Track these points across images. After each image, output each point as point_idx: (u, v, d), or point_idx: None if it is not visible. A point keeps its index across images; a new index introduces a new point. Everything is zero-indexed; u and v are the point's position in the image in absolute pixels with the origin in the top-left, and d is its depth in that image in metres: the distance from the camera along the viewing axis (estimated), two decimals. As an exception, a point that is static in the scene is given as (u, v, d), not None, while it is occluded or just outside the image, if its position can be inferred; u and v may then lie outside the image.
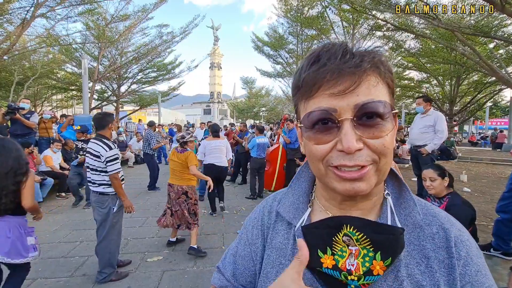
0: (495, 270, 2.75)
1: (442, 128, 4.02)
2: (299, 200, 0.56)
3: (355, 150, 0.40)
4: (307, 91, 0.43)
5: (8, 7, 8.39)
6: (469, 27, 6.75)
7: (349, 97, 0.40)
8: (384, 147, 0.41)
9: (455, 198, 2.28)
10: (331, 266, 0.45)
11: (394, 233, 0.43)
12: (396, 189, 0.52)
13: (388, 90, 0.44)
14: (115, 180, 2.64)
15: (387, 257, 0.43)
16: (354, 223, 0.45)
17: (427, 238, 0.46)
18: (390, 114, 0.42)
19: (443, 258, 0.45)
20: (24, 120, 5.61)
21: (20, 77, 13.00)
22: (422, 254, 0.45)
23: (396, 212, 0.48)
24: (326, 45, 0.44)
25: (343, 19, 14.20)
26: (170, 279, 2.79)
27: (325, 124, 0.42)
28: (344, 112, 0.41)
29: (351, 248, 0.45)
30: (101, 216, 2.67)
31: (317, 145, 0.43)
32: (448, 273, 0.44)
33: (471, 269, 0.44)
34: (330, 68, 0.41)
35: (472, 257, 0.45)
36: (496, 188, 6.12)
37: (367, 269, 0.43)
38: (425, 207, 0.50)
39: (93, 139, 2.73)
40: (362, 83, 0.41)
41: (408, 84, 18.46)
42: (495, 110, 30.71)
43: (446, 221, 0.48)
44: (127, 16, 13.00)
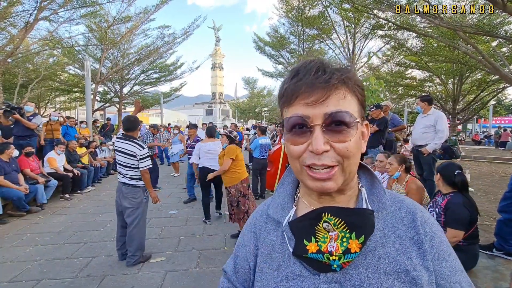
0: (498, 270, 2.73)
1: (442, 128, 4.01)
2: (284, 201, 0.63)
3: (322, 152, 0.48)
4: (288, 100, 0.52)
5: (11, 10, 8.48)
6: (471, 26, 6.72)
7: (320, 106, 0.48)
8: (347, 150, 0.49)
9: (457, 197, 2.28)
10: (315, 251, 0.51)
11: (364, 214, 0.52)
12: (369, 182, 0.60)
13: (357, 101, 0.52)
14: (146, 175, 3.09)
15: (361, 235, 0.50)
16: (331, 211, 0.53)
17: (398, 221, 0.55)
18: (355, 123, 0.50)
19: (412, 236, 0.53)
20: (23, 120, 5.61)
21: (23, 80, 13.12)
22: (395, 234, 0.53)
23: (369, 201, 0.56)
24: (305, 62, 0.52)
25: (344, 19, 14.17)
26: (173, 279, 2.81)
27: (300, 128, 0.50)
28: (316, 119, 0.49)
29: (331, 234, 0.52)
30: (132, 205, 3.07)
31: (293, 146, 0.52)
32: (418, 247, 0.52)
33: (436, 241, 0.53)
34: (305, 82, 0.49)
35: (435, 231, 0.55)
36: (500, 188, 6.08)
37: (345, 248, 0.50)
38: (394, 196, 0.60)
39: (123, 140, 3.08)
40: (332, 95, 0.49)
41: (410, 83, 18.37)
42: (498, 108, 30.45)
43: (411, 206, 0.57)
44: (129, 18, 13.06)
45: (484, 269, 2.72)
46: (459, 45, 8.19)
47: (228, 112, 32.21)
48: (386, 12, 7.91)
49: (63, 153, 6.17)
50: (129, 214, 3.07)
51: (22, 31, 8.65)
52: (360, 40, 15.60)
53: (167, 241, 3.72)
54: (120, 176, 3.14)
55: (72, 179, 6.00)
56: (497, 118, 31.94)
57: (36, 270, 2.97)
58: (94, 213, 4.93)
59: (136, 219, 3.08)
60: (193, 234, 3.97)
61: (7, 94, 13.41)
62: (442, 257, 0.52)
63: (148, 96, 19.95)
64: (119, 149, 3.08)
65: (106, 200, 5.63)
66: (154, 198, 3.25)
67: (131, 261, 3.04)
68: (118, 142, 3.11)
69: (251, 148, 6.13)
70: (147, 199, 3.24)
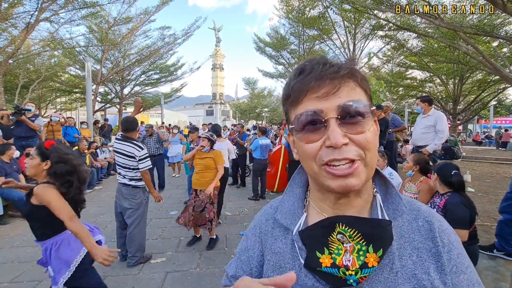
0: (498, 271, 2.73)
1: (442, 128, 4.01)
2: (294, 206, 0.59)
3: (341, 144, 0.45)
4: (296, 98, 0.49)
5: (12, 11, 8.50)
6: (471, 26, 6.72)
7: (332, 98, 0.46)
8: (367, 141, 0.46)
9: (454, 197, 2.28)
10: (329, 265, 0.48)
11: (382, 225, 0.48)
12: (383, 187, 0.57)
13: (366, 94, 0.50)
14: (146, 175, 3.08)
15: (379, 248, 0.47)
16: (346, 221, 0.49)
17: (415, 231, 0.51)
18: (369, 114, 0.48)
19: (430, 248, 0.50)
20: (29, 122, 5.66)
21: (25, 80, 13.18)
22: (412, 246, 0.50)
23: (385, 208, 0.53)
24: (309, 59, 0.50)
25: (344, 19, 14.18)
26: (173, 280, 2.81)
27: (313, 124, 0.47)
28: (329, 112, 0.46)
29: (345, 245, 0.49)
30: (132, 206, 3.06)
31: (308, 144, 0.48)
32: (436, 260, 0.49)
33: (454, 253, 0.50)
34: (314, 75, 0.47)
35: (453, 242, 0.51)
36: (501, 188, 6.06)
37: (362, 263, 0.47)
38: (410, 202, 0.56)
39: (122, 141, 3.06)
40: (342, 86, 0.47)
41: (411, 84, 18.37)
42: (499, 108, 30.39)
43: (428, 214, 0.54)
44: (129, 19, 13.10)
45: (484, 270, 2.72)
46: (460, 45, 8.19)
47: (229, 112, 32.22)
48: (386, 12, 7.92)
49: (64, 153, 6.16)
50: (129, 215, 3.08)
51: (23, 32, 8.68)
52: (361, 41, 15.61)
53: (168, 242, 3.72)
54: (119, 177, 3.14)
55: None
56: (498, 119, 31.90)
57: (36, 271, 2.97)
58: (94, 214, 4.93)
59: (137, 220, 3.08)
60: (194, 234, 3.97)
61: (8, 95, 13.44)
62: (460, 270, 0.49)
63: (149, 96, 19.99)
64: (118, 150, 3.07)
65: (107, 201, 5.63)
66: (157, 197, 3.24)
67: (131, 262, 3.05)
68: (117, 143, 3.10)
69: (251, 148, 6.14)
70: (147, 199, 3.24)
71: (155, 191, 3.27)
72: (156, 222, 4.48)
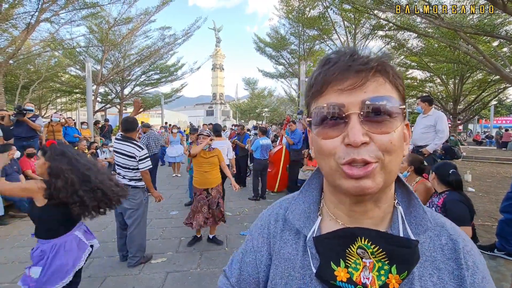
0: (499, 270, 2.73)
1: (442, 128, 4.00)
2: (310, 208, 0.55)
3: (361, 143, 0.40)
4: (318, 89, 0.45)
5: (13, 12, 8.52)
6: (471, 26, 6.72)
7: (356, 92, 0.42)
8: (391, 143, 0.42)
9: (452, 195, 2.30)
10: (345, 280, 0.44)
11: (410, 246, 0.43)
12: (406, 198, 0.51)
13: (397, 93, 0.45)
14: (146, 175, 3.07)
15: (403, 270, 0.42)
16: (369, 235, 0.44)
17: (437, 249, 0.47)
18: (399, 114, 0.43)
19: (452, 270, 0.45)
20: (30, 122, 5.68)
21: (25, 81, 13.19)
22: (433, 265, 0.46)
23: (407, 222, 0.48)
24: (337, 50, 0.46)
25: (344, 19, 14.18)
26: (174, 280, 2.82)
27: (333, 119, 0.43)
28: (352, 107, 0.42)
29: (365, 260, 0.45)
30: (132, 206, 3.04)
31: (325, 140, 0.44)
32: (458, 284, 0.44)
33: (478, 276, 0.45)
34: (339, 66, 0.43)
35: (478, 265, 0.46)
36: (501, 188, 6.06)
37: (383, 283, 0.43)
38: (434, 216, 0.51)
39: (122, 141, 3.05)
40: (370, 80, 0.42)
41: (411, 84, 18.34)
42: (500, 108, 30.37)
43: (453, 232, 0.49)
44: (130, 19, 13.12)
45: (485, 269, 2.72)
46: (460, 45, 8.19)
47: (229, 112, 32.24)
48: (386, 12, 7.92)
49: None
50: (129, 215, 3.07)
51: (24, 33, 8.69)
52: (361, 41, 15.60)
53: (168, 242, 3.72)
54: (119, 177, 3.12)
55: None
56: (498, 118, 31.87)
57: (37, 271, 2.97)
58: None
59: (137, 220, 3.08)
60: (194, 234, 3.97)
61: (8, 95, 13.45)
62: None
63: (149, 97, 20.01)
64: (118, 151, 3.07)
65: (107, 201, 5.63)
66: (157, 197, 3.24)
67: (132, 262, 3.05)
68: (117, 143, 3.10)
69: (252, 148, 6.14)
70: (147, 200, 3.23)
71: (156, 191, 3.28)
72: (157, 222, 4.48)
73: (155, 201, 3.26)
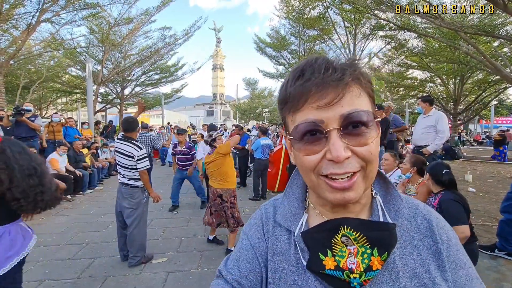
0: (499, 270, 2.73)
1: (443, 129, 4.01)
2: (294, 207, 0.58)
3: (344, 159, 0.42)
4: (294, 104, 0.46)
5: (13, 12, 8.53)
6: (472, 26, 6.71)
7: (334, 108, 0.43)
8: (371, 154, 0.44)
9: (446, 194, 2.32)
10: (333, 267, 0.47)
11: (388, 229, 0.48)
12: (383, 188, 0.56)
13: (369, 99, 0.47)
14: (144, 175, 3.09)
15: (384, 252, 0.46)
16: (351, 224, 0.48)
17: (414, 229, 0.51)
18: (373, 122, 0.45)
19: (430, 246, 0.50)
20: (29, 122, 5.70)
21: (26, 81, 13.20)
22: (412, 244, 0.50)
23: (386, 209, 0.52)
24: (310, 61, 0.46)
25: (345, 19, 14.18)
26: (175, 280, 2.82)
27: (313, 135, 0.45)
28: (331, 123, 0.43)
29: (349, 247, 0.48)
30: (131, 205, 3.07)
31: (307, 156, 0.46)
32: (436, 257, 0.49)
33: (453, 249, 0.50)
34: (315, 82, 0.43)
35: (451, 239, 0.52)
36: (502, 188, 6.06)
37: (367, 266, 0.46)
38: (408, 201, 0.55)
39: (122, 141, 3.09)
40: (346, 94, 0.43)
41: (411, 84, 18.35)
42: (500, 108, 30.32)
43: (426, 212, 0.54)
44: (130, 20, 13.12)
45: (486, 269, 2.72)
46: (460, 45, 8.18)
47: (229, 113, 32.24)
48: (386, 12, 7.92)
49: (65, 154, 6.19)
50: (128, 214, 3.09)
51: (24, 33, 8.70)
52: (361, 41, 15.61)
53: (169, 242, 3.73)
54: (120, 177, 3.17)
55: (74, 181, 6.03)
56: (499, 119, 31.82)
57: (38, 270, 2.98)
58: (96, 214, 4.94)
59: (136, 219, 3.10)
60: (195, 234, 3.98)
61: (9, 96, 13.47)
62: (459, 266, 0.49)
63: (149, 97, 19.99)
64: (118, 150, 3.12)
65: (108, 201, 5.64)
66: (155, 197, 3.24)
67: (133, 262, 3.06)
68: (118, 143, 3.15)
69: (252, 148, 6.14)
70: (147, 199, 3.25)
71: (154, 191, 3.29)
72: (157, 222, 4.49)
73: (153, 201, 3.25)
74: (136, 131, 3.27)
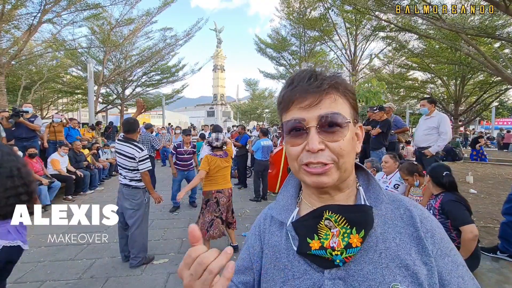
0: (502, 272, 2.72)
1: (445, 130, 4.00)
2: (288, 202, 0.66)
3: (318, 150, 0.52)
4: (285, 106, 0.57)
5: (15, 13, 8.56)
6: (473, 27, 6.71)
7: (313, 110, 0.53)
8: (341, 149, 0.53)
9: (448, 196, 2.32)
10: (318, 248, 0.54)
11: (364, 210, 0.56)
12: (366, 181, 0.64)
13: (349, 105, 0.57)
14: (146, 176, 3.09)
15: (361, 230, 0.53)
16: (332, 208, 0.56)
17: (397, 218, 0.57)
18: (347, 124, 0.54)
19: (411, 233, 0.55)
20: (28, 123, 5.69)
21: (27, 82, 13.22)
22: (395, 230, 0.56)
23: (367, 197, 0.60)
24: (299, 72, 0.57)
25: (345, 20, 14.20)
26: (176, 281, 2.81)
27: (297, 131, 0.55)
28: (310, 121, 0.53)
29: (332, 230, 0.55)
30: (133, 206, 3.08)
31: (292, 147, 0.56)
32: (417, 243, 0.54)
33: (437, 237, 0.55)
34: (299, 89, 0.54)
35: (435, 228, 0.57)
36: (503, 190, 6.04)
37: (347, 243, 0.53)
38: (393, 195, 0.63)
39: (123, 142, 3.08)
40: (324, 99, 0.53)
41: (412, 85, 18.33)
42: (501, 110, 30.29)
43: (409, 204, 0.60)
44: (131, 20, 13.16)
45: (488, 271, 2.71)
46: (461, 46, 8.19)
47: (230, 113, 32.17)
48: (387, 13, 7.93)
49: (66, 154, 6.20)
50: (130, 215, 3.09)
51: (26, 34, 8.73)
52: (362, 42, 15.61)
53: (170, 243, 3.73)
54: (121, 178, 3.17)
55: (75, 181, 6.03)
56: (500, 120, 31.77)
57: (40, 271, 2.98)
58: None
59: (138, 220, 3.09)
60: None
61: (10, 96, 13.49)
62: (444, 253, 0.54)
63: (150, 97, 20.03)
64: (119, 151, 3.11)
65: (109, 202, 5.59)
66: (156, 199, 3.23)
67: (134, 263, 3.06)
68: (118, 144, 3.14)
69: (253, 149, 6.14)
70: (148, 200, 3.25)
71: (155, 192, 3.29)
72: (158, 223, 4.49)
73: (154, 202, 3.25)
74: (137, 132, 3.24)
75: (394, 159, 3.47)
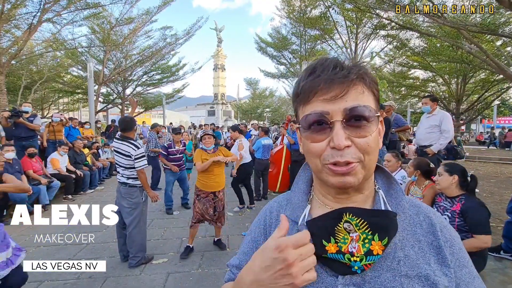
0: (505, 272, 2.69)
1: (448, 128, 3.96)
2: (299, 199, 0.62)
3: (344, 147, 0.47)
4: (305, 97, 0.52)
5: (15, 12, 8.54)
6: (475, 24, 6.65)
7: (339, 102, 0.48)
8: (368, 145, 0.49)
9: (471, 200, 2.20)
10: (335, 251, 0.50)
11: (388, 216, 0.51)
12: (386, 183, 0.59)
13: (373, 97, 0.52)
14: (142, 175, 3.08)
15: (384, 237, 0.49)
16: (353, 211, 0.51)
17: (417, 225, 0.54)
18: (374, 118, 0.50)
19: (431, 241, 0.52)
20: (27, 123, 5.69)
21: (27, 81, 13.21)
22: (414, 238, 0.53)
23: (388, 202, 0.56)
24: (321, 60, 0.52)
25: (346, 19, 14.12)
26: (175, 281, 2.79)
27: (320, 125, 0.50)
28: (335, 115, 0.48)
29: (352, 234, 0.51)
30: (130, 205, 3.06)
31: (313, 143, 0.51)
32: (436, 252, 0.51)
33: (456, 247, 0.53)
34: (323, 78, 0.49)
35: (455, 238, 0.55)
36: (505, 188, 6.00)
37: (367, 250, 0.49)
38: (411, 200, 0.59)
39: (120, 141, 3.09)
40: (350, 90, 0.49)
41: (413, 83, 18.27)
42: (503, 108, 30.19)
43: (428, 211, 0.57)
44: (131, 19, 13.11)
45: (491, 271, 2.68)
46: (463, 44, 8.11)
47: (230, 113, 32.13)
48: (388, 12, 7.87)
49: (66, 154, 6.18)
50: (127, 214, 3.07)
51: (26, 33, 8.70)
52: (362, 40, 15.54)
53: (170, 243, 3.70)
54: (119, 176, 3.16)
55: (74, 180, 6.02)
56: (501, 118, 31.64)
57: (38, 271, 2.96)
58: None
59: (135, 219, 3.07)
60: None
61: (11, 96, 13.49)
62: (462, 264, 0.52)
63: (151, 97, 20.01)
64: (116, 150, 3.12)
65: (109, 201, 5.58)
66: (153, 197, 3.21)
67: (133, 263, 3.03)
68: (116, 142, 3.15)
69: (253, 148, 6.11)
70: (146, 199, 3.22)
71: (152, 191, 3.26)
72: (158, 223, 4.47)
73: (151, 201, 3.22)
74: (134, 130, 3.25)
75: (397, 158, 3.43)
